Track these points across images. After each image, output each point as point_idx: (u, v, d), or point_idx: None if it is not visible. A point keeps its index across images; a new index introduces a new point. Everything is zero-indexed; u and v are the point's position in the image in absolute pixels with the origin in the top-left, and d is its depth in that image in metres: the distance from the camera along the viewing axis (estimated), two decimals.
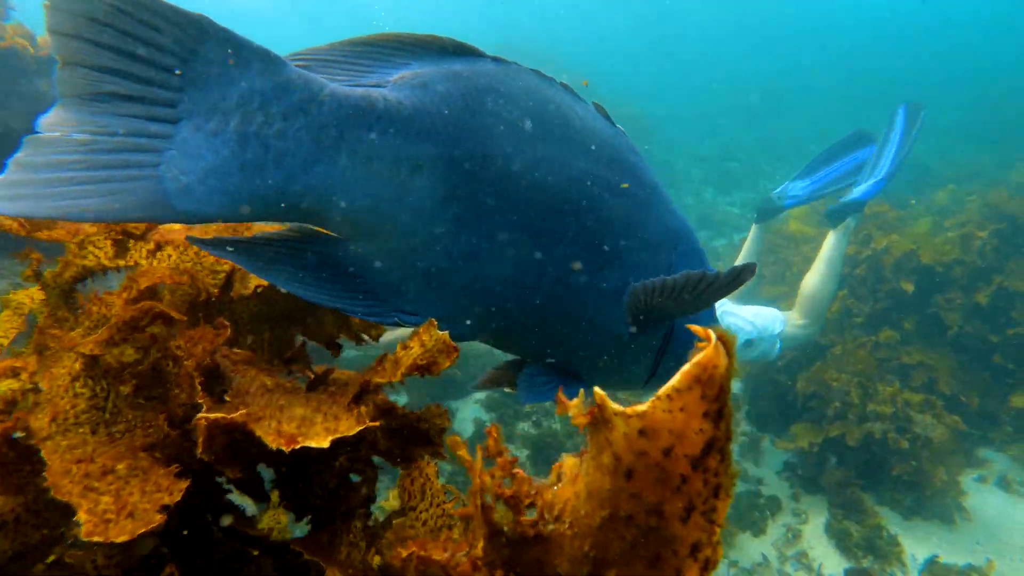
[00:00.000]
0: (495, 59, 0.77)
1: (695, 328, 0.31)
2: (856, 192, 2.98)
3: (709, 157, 8.40)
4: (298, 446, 0.58)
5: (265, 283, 0.88)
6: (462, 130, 0.71)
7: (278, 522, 0.91)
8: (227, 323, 0.76)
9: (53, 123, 0.57)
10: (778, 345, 2.68)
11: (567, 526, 0.41)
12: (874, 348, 2.95)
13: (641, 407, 0.32)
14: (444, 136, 0.70)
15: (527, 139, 0.74)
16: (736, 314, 2.59)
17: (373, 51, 0.75)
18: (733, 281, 0.73)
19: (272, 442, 0.58)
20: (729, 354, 0.30)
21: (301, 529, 0.75)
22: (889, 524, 2.33)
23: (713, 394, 0.31)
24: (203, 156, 0.60)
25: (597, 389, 0.33)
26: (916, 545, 2.28)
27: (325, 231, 0.73)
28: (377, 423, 0.63)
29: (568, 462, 0.42)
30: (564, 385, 0.90)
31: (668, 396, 0.31)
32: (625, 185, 0.82)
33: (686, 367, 0.30)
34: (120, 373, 0.75)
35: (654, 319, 0.85)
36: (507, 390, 0.99)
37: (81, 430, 0.68)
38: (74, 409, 0.70)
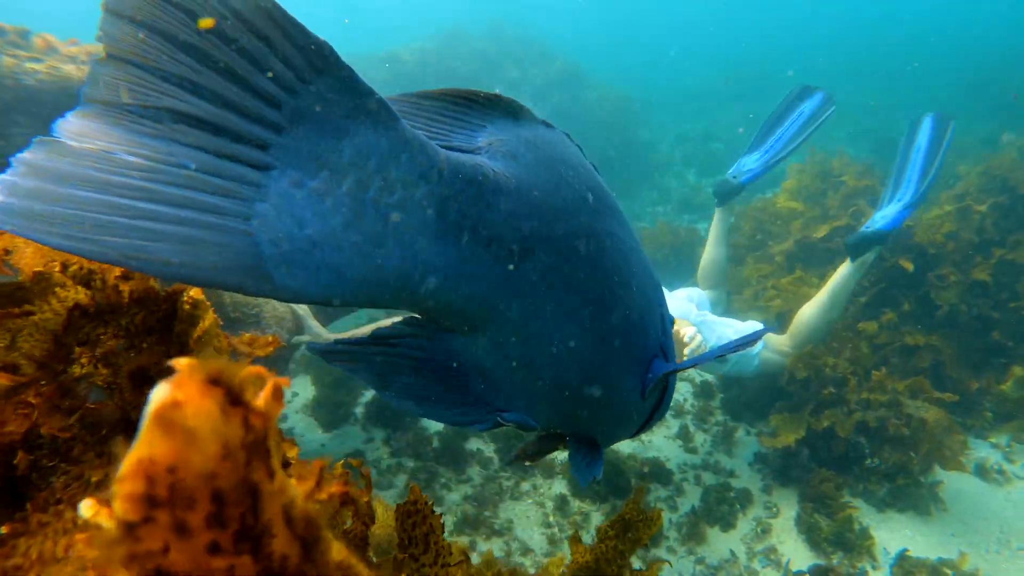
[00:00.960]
0: (544, 123, 0.72)
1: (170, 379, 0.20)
2: (880, 220, 2.56)
3: (691, 138, 8.20)
4: None
5: (139, 285, 0.75)
6: (556, 207, 0.65)
7: None
8: (34, 401, 0.64)
9: (82, 133, 0.41)
10: (755, 363, 2.54)
11: None
12: (877, 331, 2.81)
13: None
14: (544, 214, 0.63)
15: (594, 213, 0.69)
16: (714, 330, 2.44)
17: (448, 109, 0.65)
18: (749, 343, 0.77)
19: None
20: (243, 408, 0.20)
21: None
22: (863, 516, 2.23)
23: (200, 519, 0.20)
24: (308, 221, 0.47)
25: (87, 502, 0.23)
26: (889, 537, 2.18)
27: (430, 321, 0.64)
28: None
29: None
30: (586, 457, 0.88)
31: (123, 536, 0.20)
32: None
33: (115, 483, 0.19)
34: None
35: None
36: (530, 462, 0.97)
37: None
38: None
